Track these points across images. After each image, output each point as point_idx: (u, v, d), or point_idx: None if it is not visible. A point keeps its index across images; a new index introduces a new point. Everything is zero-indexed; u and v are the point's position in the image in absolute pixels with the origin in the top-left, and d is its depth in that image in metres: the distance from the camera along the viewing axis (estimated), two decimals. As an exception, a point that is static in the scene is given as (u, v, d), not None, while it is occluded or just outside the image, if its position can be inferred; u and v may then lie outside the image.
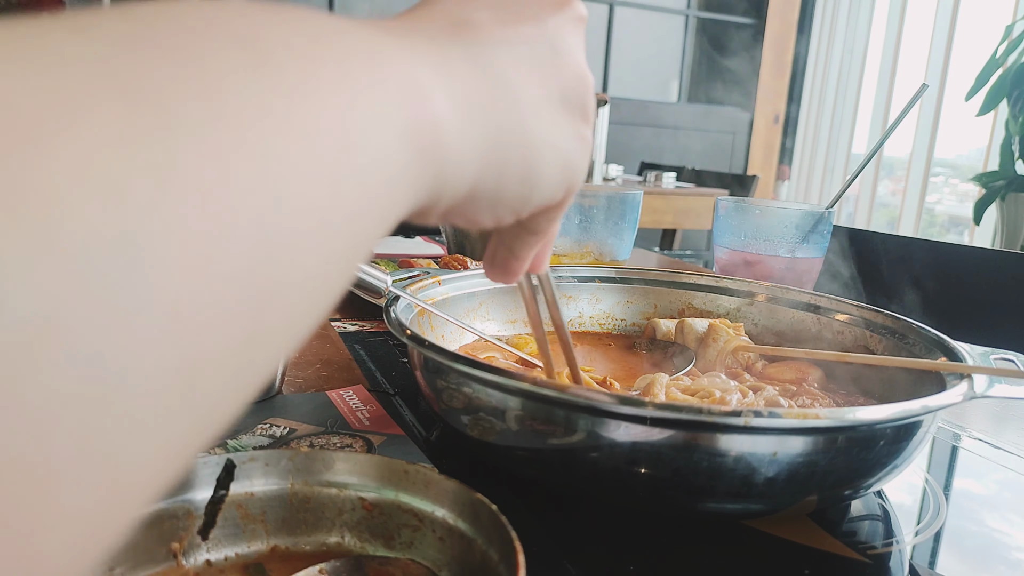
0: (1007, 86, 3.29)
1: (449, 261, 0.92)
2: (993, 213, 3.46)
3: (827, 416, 0.37)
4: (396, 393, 0.61)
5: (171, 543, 0.31)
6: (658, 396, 0.50)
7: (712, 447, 0.37)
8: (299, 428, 0.53)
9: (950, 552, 0.43)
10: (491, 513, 0.29)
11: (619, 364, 0.64)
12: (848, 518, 0.45)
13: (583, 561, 0.39)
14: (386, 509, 0.33)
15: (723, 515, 0.43)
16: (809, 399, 0.53)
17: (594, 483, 0.41)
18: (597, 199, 0.88)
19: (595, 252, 0.89)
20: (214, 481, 0.32)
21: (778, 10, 5.16)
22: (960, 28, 4.07)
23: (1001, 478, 0.53)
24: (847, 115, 4.87)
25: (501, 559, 0.28)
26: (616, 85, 5.13)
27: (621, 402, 0.38)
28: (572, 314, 0.72)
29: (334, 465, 0.34)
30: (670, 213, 3.42)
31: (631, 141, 4.96)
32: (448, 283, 0.64)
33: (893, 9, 4.52)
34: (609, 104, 3.19)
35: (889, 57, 4.52)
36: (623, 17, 5.06)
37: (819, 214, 0.81)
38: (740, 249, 0.84)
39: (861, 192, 4.76)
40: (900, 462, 0.42)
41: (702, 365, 0.61)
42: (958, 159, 4.45)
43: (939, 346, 0.52)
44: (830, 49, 4.96)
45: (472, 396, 0.43)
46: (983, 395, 0.43)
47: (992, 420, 0.66)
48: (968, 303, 0.99)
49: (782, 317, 0.67)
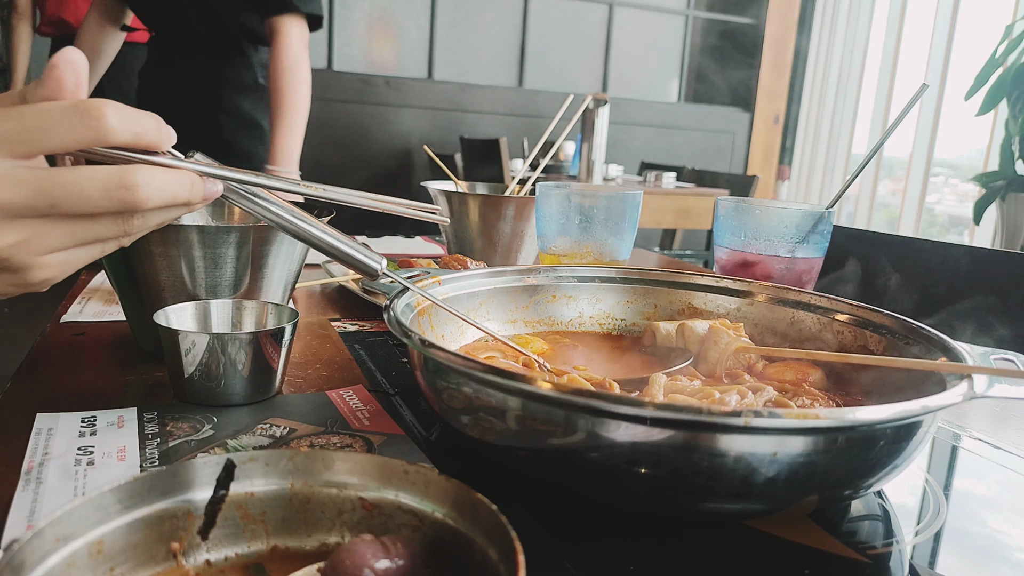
0: (1007, 86, 3.29)
1: (449, 261, 0.92)
2: (993, 213, 3.46)
3: (827, 416, 0.37)
4: (396, 393, 0.61)
5: (171, 543, 0.31)
6: (657, 396, 0.50)
7: (712, 447, 0.37)
8: (299, 428, 0.53)
9: (950, 552, 0.43)
10: (491, 513, 0.29)
11: (619, 364, 0.64)
12: (848, 518, 0.45)
13: (583, 561, 0.39)
14: (386, 509, 0.33)
15: (723, 515, 0.43)
16: (809, 399, 0.53)
17: (594, 483, 0.41)
18: (597, 199, 0.88)
19: (595, 252, 0.89)
20: (214, 481, 0.32)
21: (778, 10, 5.15)
22: (960, 28, 4.07)
23: (1001, 478, 0.53)
24: (847, 115, 4.87)
25: (501, 559, 0.28)
26: (616, 85, 5.13)
27: (621, 402, 0.38)
28: (572, 314, 0.72)
29: (334, 465, 0.34)
30: (670, 213, 3.42)
31: (631, 141, 4.96)
32: (448, 283, 0.64)
33: (893, 9, 4.52)
34: (609, 104, 3.19)
35: (889, 57, 4.52)
36: (623, 17, 5.05)
37: (819, 214, 0.81)
38: (740, 249, 0.84)
39: (861, 192, 4.76)
40: (900, 462, 0.42)
41: (704, 367, 0.61)
42: (958, 159, 4.45)
43: (939, 346, 0.52)
44: (830, 49, 4.96)
45: (472, 396, 0.43)
46: (983, 395, 0.43)
47: (992, 420, 0.66)
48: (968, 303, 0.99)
49: (782, 317, 0.67)
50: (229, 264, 0.62)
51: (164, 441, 0.49)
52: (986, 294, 0.99)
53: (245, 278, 0.64)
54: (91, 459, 0.46)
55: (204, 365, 0.54)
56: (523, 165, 1.53)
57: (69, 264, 0.40)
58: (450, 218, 1.08)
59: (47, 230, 0.38)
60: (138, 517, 0.30)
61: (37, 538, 0.26)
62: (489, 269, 0.69)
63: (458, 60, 4.71)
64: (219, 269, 0.62)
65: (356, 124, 4.39)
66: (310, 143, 1.65)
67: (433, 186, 1.12)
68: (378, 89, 4.41)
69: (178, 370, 0.55)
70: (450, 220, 1.09)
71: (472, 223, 1.06)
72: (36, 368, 0.63)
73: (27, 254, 0.38)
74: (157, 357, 0.66)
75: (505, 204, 1.04)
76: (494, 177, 3.31)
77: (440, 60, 4.64)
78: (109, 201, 0.38)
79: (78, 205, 0.37)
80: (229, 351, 0.54)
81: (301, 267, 0.71)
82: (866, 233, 1.19)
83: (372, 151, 4.44)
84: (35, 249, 0.38)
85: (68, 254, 0.40)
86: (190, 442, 0.49)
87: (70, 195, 0.37)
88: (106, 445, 0.48)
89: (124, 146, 0.38)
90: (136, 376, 0.62)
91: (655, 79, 5.34)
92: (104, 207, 0.38)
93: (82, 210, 0.37)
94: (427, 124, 4.54)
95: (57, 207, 0.37)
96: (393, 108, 4.46)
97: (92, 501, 0.29)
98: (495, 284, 0.68)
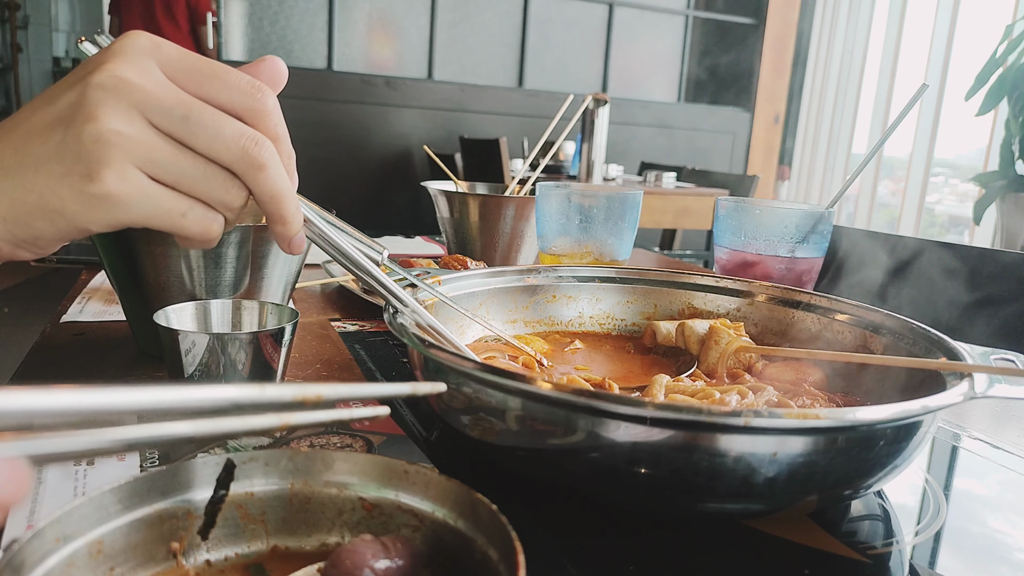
0: (1007, 86, 3.29)
1: (449, 261, 0.92)
2: (993, 213, 3.46)
3: (827, 416, 0.37)
4: (396, 393, 0.61)
5: (171, 543, 0.31)
6: (657, 397, 0.50)
7: (712, 447, 0.37)
8: (299, 428, 0.53)
9: (950, 552, 0.43)
10: (491, 513, 0.29)
11: (619, 364, 0.64)
12: (848, 518, 0.45)
13: (583, 561, 0.39)
14: (386, 509, 0.33)
15: (723, 515, 0.43)
16: (809, 399, 0.53)
17: (594, 483, 0.41)
18: (597, 199, 0.88)
19: (595, 252, 0.89)
20: (214, 481, 0.32)
21: (778, 10, 5.15)
22: (960, 28, 4.07)
23: (1001, 478, 0.53)
24: (847, 115, 4.87)
25: (501, 559, 0.28)
26: (616, 85, 5.13)
27: (621, 402, 0.38)
28: (572, 314, 0.72)
29: (334, 465, 0.34)
30: (670, 213, 3.42)
31: (631, 141, 4.96)
32: (448, 283, 0.64)
33: (893, 9, 4.52)
34: (609, 104, 3.19)
35: (889, 57, 4.52)
36: (623, 17, 5.06)
37: (819, 214, 0.81)
38: (740, 249, 0.84)
39: (861, 192, 4.76)
40: (900, 462, 0.42)
41: (704, 367, 0.61)
42: (958, 159, 4.45)
43: (939, 346, 0.52)
44: (830, 49, 4.96)
45: (472, 396, 0.43)
46: (983, 395, 0.43)
47: (992, 420, 0.66)
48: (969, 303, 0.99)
49: (782, 317, 0.67)
50: (229, 264, 0.62)
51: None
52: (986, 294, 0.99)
53: (245, 278, 0.64)
54: (91, 459, 0.46)
55: (204, 365, 0.54)
56: (523, 165, 1.53)
57: (146, 197, 0.36)
58: (450, 218, 1.08)
59: (158, 143, 0.36)
60: (138, 517, 0.30)
61: (37, 538, 0.26)
62: (489, 269, 0.69)
63: (458, 60, 4.71)
64: (219, 269, 0.62)
65: (356, 124, 4.39)
66: (311, 143, 1.65)
67: (433, 186, 1.12)
68: (378, 89, 4.41)
69: (178, 370, 0.55)
70: (451, 217, 1.09)
71: (472, 223, 1.06)
72: (36, 368, 0.63)
73: (125, 151, 0.35)
74: (157, 357, 0.66)
75: (505, 204, 1.04)
76: (494, 177, 3.31)
77: (440, 60, 4.64)
78: (236, 146, 0.37)
79: (207, 135, 0.37)
80: (229, 351, 0.54)
81: (301, 267, 0.71)
82: (866, 233, 1.19)
83: (372, 151, 4.45)
84: (136, 152, 0.36)
85: (155, 189, 0.37)
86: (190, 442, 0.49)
87: (205, 122, 0.36)
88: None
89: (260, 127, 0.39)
90: (136, 376, 0.62)
91: (655, 79, 5.35)
92: (228, 151, 0.37)
93: (208, 143, 0.37)
94: (427, 124, 4.54)
95: (188, 124, 0.36)
96: (393, 108, 4.46)
97: (92, 501, 0.29)
98: (495, 284, 0.68)
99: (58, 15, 5.98)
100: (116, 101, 0.35)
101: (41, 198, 0.36)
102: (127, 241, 0.60)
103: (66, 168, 0.35)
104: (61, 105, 0.36)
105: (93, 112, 0.35)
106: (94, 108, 0.35)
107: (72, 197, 0.36)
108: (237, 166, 0.38)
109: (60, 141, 0.35)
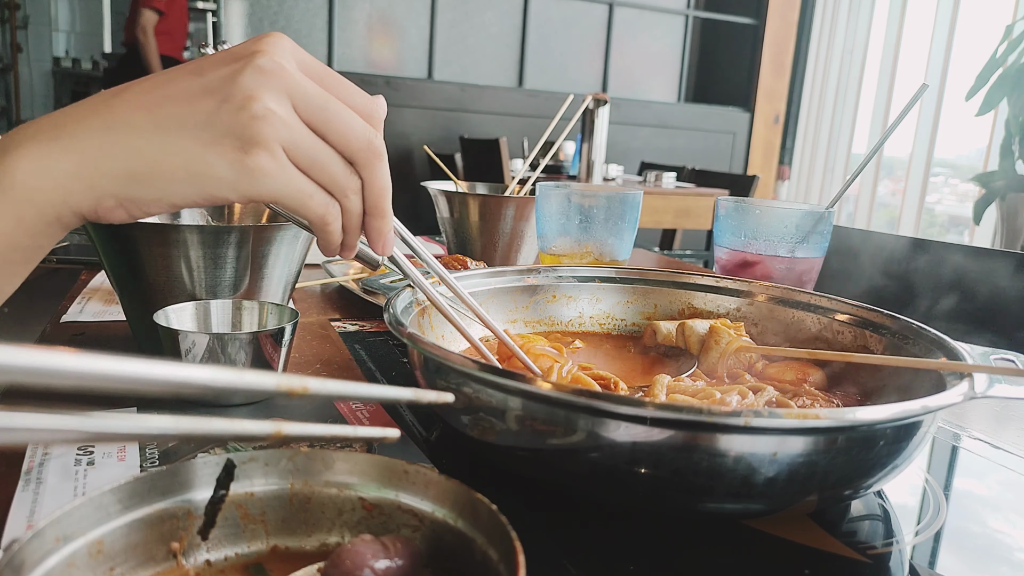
0: (1007, 86, 3.29)
1: (449, 261, 0.92)
2: (993, 213, 3.46)
3: (827, 416, 0.37)
4: (396, 393, 0.61)
5: (171, 543, 0.31)
6: (660, 397, 0.50)
7: (712, 447, 0.37)
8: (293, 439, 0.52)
9: (950, 552, 0.43)
10: (491, 513, 0.29)
11: (619, 364, 0.64)
12: (848, 518, 0.45)
13: (583, 561, 0.39)
14: (386, 509, 0.33)
15: (723, 515, 0.43)
16: (809, 399, 0.53)
17: (594, 483, 0.41)
18: (597, 199, 0.88)
19: (595, 252, 0.89)
20: (214, 481, 0.32)
21: (778, 10, 5.15)
22: (960, 28, 4.07)
23: (1001, 478, 0.53)
24: (847, 115, 4.87)
25: (501, 559, 0.28)
26: (616, 85, 5.13)
27: (621, 403, 0.38)
28: (572, 314, 0.72)
29: (334, 465, 0.34)
30: (670, 213, 3.42)
31: (631, 141, 4.96)
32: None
33: (893, 9, 4.52)
34: (609, 104, 3.19)
35: (889, 57, 4.52)
36: (623, 17, 5.05)
37: (819, 214, 0.81)
38: (740, 249, 0.84)
39: (861, 192, 4.76)
40: (900, 462, 0.42)
41: (704, 367, 0.61)
42: (958, 159, 4.45)
43: (939, 346, 0.52)
44: (830, 49, 4.96)
45: (472, 396, 0.43)
46: (983, 395, 0.43)
47: (992, 420, 0.66)
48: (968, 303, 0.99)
49: (782, 317, 0.67)
50: (229, 264, 0.62)
51: (164, 441, 0.49)
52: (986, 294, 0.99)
53: (245, 278, 0.64)
54: (91, 459, 0.46)
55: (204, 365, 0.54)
56: (523, 165, 1.52)
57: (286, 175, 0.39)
58: (450, 218, 1.08)
59: (302, 128, 0.40)
60: (138, 517, 0.30)
61: (37, 538, 0.26)
62: (489, 269, 0.69)
63: (458, 60, 4.71)
64: (219, 269, 0.62)
65: (356, 124, 4.39)
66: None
67: (433, 186, 1.12)
68: (378, 89, 4.41)
69: (178, 370, 0.55)
70: (451, 217, 1.09)
71: (472, 223, 1.06)
72: (36, 368, 0.62)
73: (277, 131, 0.38)
74: (157, 357, 0.66)
75: (505, 204, 1.04)
76: (494, 177, 3.31)
77: (440, 60, 4.64)
78: (364, 136, 0.41)
79: (342, 125, 0.41)
80: (229, 351, 0.54)
81: (301, 267, 0.71)
82: (866, 233, 1.19)
83: (372, 151, 4.44)
84: (284, 133, 0.39)
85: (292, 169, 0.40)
86: (190, 442, 0.49)
87: (341, 113, 0.41)
88: (106, 445, 0.48)
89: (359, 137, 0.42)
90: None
91: (655, 79, 5.35)
92: (357, 140, 0.41)
93: (340, 132, 0.41)
94: (427, 124, 4.54)
95: (326, 113, 0.40)
96: (393, 108, 4.45)
97: (92, 501, 0.29)
98: (495, 284, 0.68)
99: (58, 15, 5.98)
100: (274, 84, 0.38)
101: (187, 162, 0.38)
102: (127, 241, 0.60)
103: (214, 137, 0.38)
104: (212, 78, 0.38)
105: (254, 91, 0.38)
106: (255, 87, 0.38)
107: (224, 165, 0.38)
108: (361, 155, 0.41)
109: (212, 111, 0.38)
